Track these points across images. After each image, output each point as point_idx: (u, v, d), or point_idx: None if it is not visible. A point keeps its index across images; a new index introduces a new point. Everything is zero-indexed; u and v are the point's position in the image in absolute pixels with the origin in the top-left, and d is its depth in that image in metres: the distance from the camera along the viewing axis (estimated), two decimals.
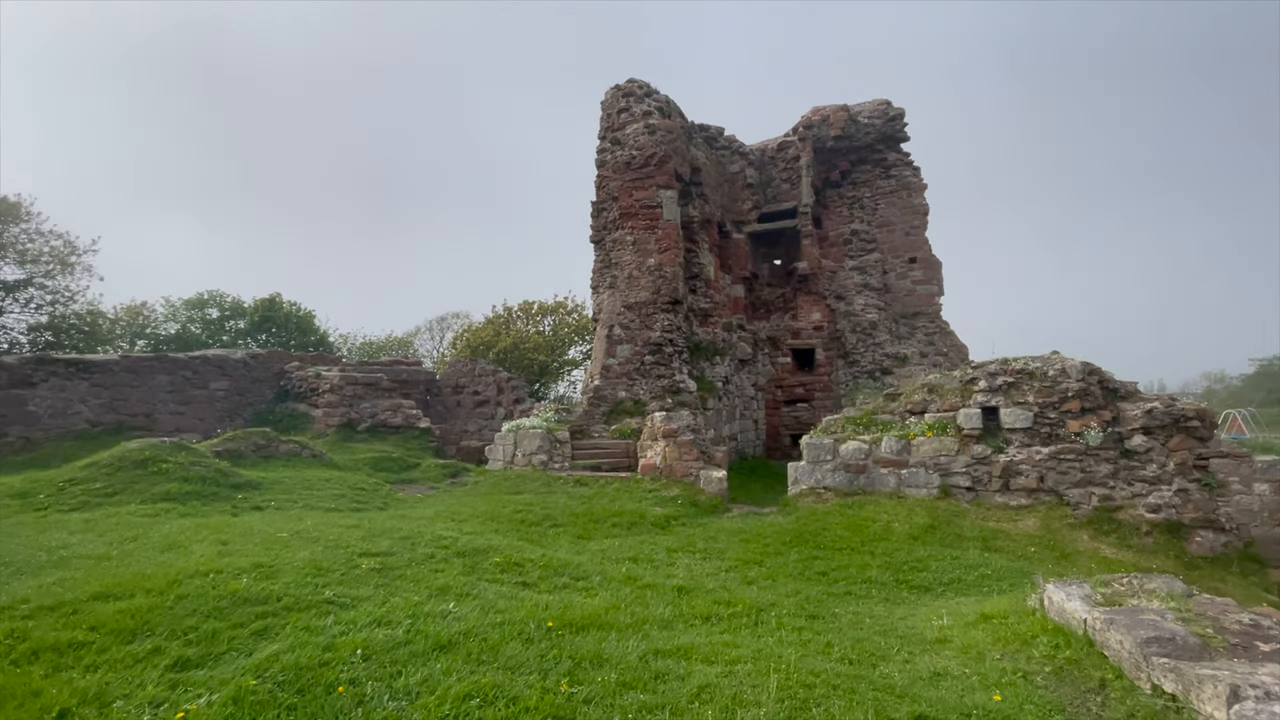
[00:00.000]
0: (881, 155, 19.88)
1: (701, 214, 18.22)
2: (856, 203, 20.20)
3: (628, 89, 17.56)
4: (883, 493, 10.22)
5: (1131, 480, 9.07)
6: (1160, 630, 3.65)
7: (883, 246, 19.71)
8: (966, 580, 7.30)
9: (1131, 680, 3.69)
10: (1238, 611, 3.97)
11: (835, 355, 19.44)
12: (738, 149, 20.66)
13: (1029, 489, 9.48)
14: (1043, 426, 9.57)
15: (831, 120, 19.59)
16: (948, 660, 4.76)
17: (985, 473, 9.72)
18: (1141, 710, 3.54)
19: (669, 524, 9.99)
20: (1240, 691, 2.90)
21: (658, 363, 15.48)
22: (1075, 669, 4.15)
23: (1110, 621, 3.95)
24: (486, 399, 21.50)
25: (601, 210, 17.08)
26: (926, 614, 6.05)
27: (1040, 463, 9.42)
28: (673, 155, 16.65)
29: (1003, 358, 10.43)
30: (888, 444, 10.33)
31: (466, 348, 28.19)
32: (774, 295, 20.88)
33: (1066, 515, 9.16)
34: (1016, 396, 9.75)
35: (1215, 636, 3.57)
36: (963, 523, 9.16)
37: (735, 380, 19.12)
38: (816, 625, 5.62)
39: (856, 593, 7.00)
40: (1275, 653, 3.44)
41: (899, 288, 19.43)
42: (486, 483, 12.82)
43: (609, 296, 16.22)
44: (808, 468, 10.91)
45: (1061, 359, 9.89)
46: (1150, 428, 9.05)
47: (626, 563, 7.60)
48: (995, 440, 9.85)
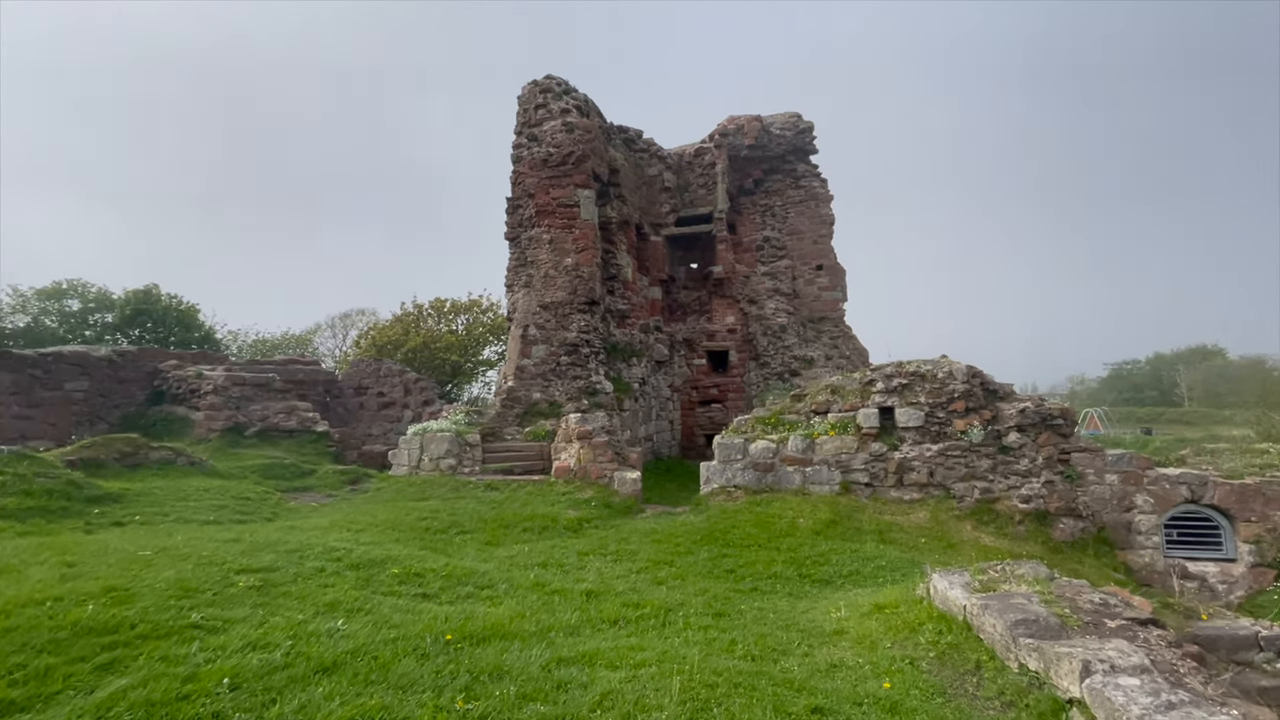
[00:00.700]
0: (792, 166, 20.71)
1: (620, 215, 18.23)
2: (769, 210, 20.92)
3: (545, 85, 17.28)
4: (789, 490, 10.58)
5: (1007, 474, 9.90)
6: (1026, 613, 3.95)
7: (793, 253, 20.53)
8: (864, 572, 7.68)
9: (1002, 661, 3.98)
10: (1090, 592, 4.38)
11: (748, 357, 20.03)
12: (656, 152, 20.85)
13: (920, 484, 10.12)
14: (932, 425, 10.25)
15: (745, 129, 20.19)
16: (844, 651, 4.95)
17: (882, 469, 10.29)
18: (1010, 688, 3.82)
19: (582, 527, 9.87)
20: (1091, 666, 3.17)
21: (574, 364, 15.32)
22: (955, 653, 4.42)
23: (985, 607, 4.24)
24: (392, 401, 20.47)
25: (517, 207, 16.70)
26: (826, 606, 6.29)
27: (930, 459, 10.08)
28: (591, 155, 16.54)
29: (898, 361, 11.09)
30: (794, 443, 10.71)
31: (372, 347, 26.72)
32: (690, 298, 21.24)
33: (952, 507, 9.85)
34: (910, 397, 10.39)
35: (1072, 616, 3.91)
36: (861, 517, 9.65)
37: (652, 381, 19.27)
38: (722, 623, 5.70)
39: (762, 588, 7.18)
40: (1120, 628, 3.80)
41: (807, 293, 20.30)
42: (389, 489, 12.16)
43: (524, 296, 15.88)
44: (719, 467, 11.12)
45: (949, 362, 10.65)
46: (1023, 425, 9.91)
47: (535, 568, 7.42)
48: (891, 438, 10.45)
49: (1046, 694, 3.52)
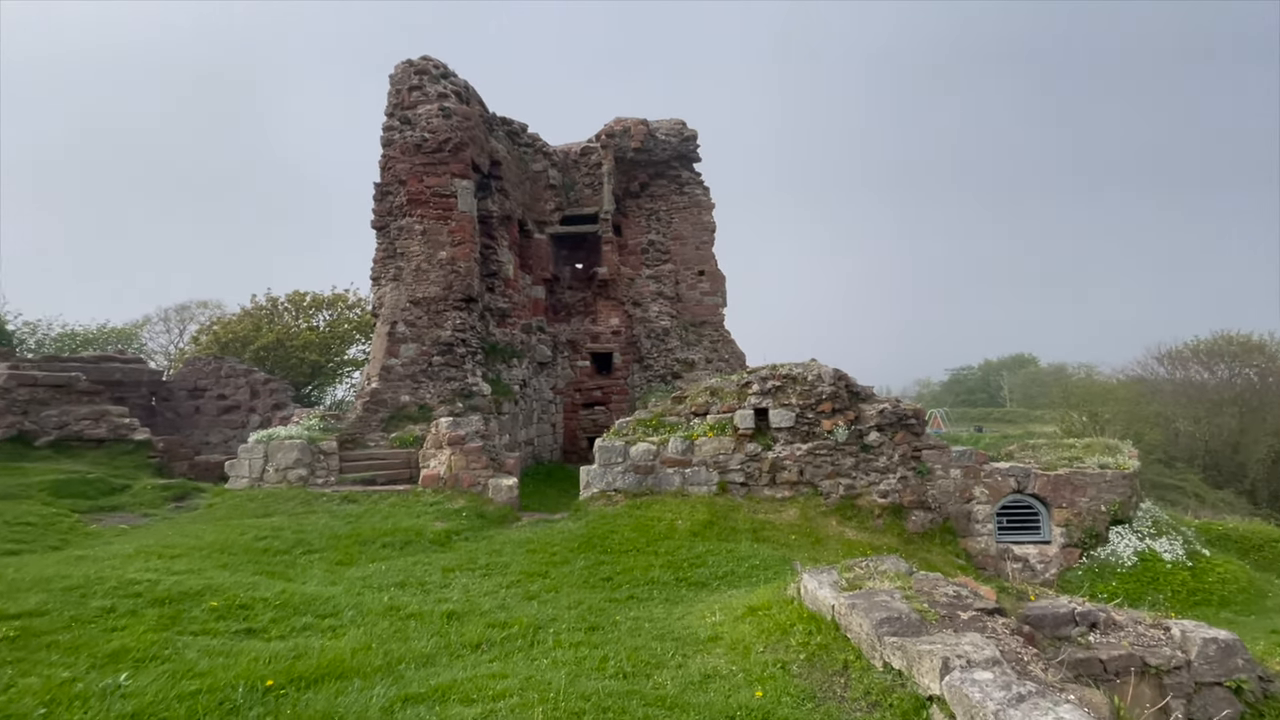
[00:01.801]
0: (676, 172, 21.04)
1: (501, 210, 17.47)
2: (654, 215, 21.09)
3: (421, 66, 16.16)
4: (669, 492, 10.54)
5: (868, 471, 10.52)
6: (890, 610, 4.01)
7: (676, 258, 20.84)
8: (739, 572, 7.72)
9: (868, 660, 4.01)
10: (945, 584, 4.57)
11: (632, 360, 20.02)
12: (541, 148, 20.28)
13: (791, 482, 10.49)
14: (803, 425, 10.67)
15: (632, 132, 20.21)
16: (718, 659, 4.82)
17: (756, 469, 10.54)
18: (875, 687, 3.84)
19: (450, 540, 9.15)
20: (949, 663, 3.22)
21: (448, 364, 14.38)
22: (825, 654, 4.43)
23: (852, 606, 4.27)
24: (236, 404, 18.14)
25: (386, 194, 15.44)
26: (702, 611, 6.19)
27: (800, 458, 10.48)
28: (470, 143, 15.68)
29: (772, 364, 11.46)
30: (674, 444, 10.70)
31: (214, 343, 23.61)
32: (575, 299, 20.88)
33: (820, 504, 10.29)
34: (782, 399, 10.75)
35: (930, 611, 4.02)
36: (737, 516, 9.80)
37: (534, 383, 18.65)
38: (596, 638, 5.39)
39: (639, 596, 6.97)
40: (972, 619, 3.97)
41: (689, 298, 20.69)
42: (225, 506, 10.62)
43: (393, 289, 14.68)
44: (599, 471, 10.85)
45: (818, 366, 11.15)
46: (882, 425, 10.59)
47: (392, 589, 6.69)
48: (765, 438, 10.74)
49: (909, 692, 3.56)
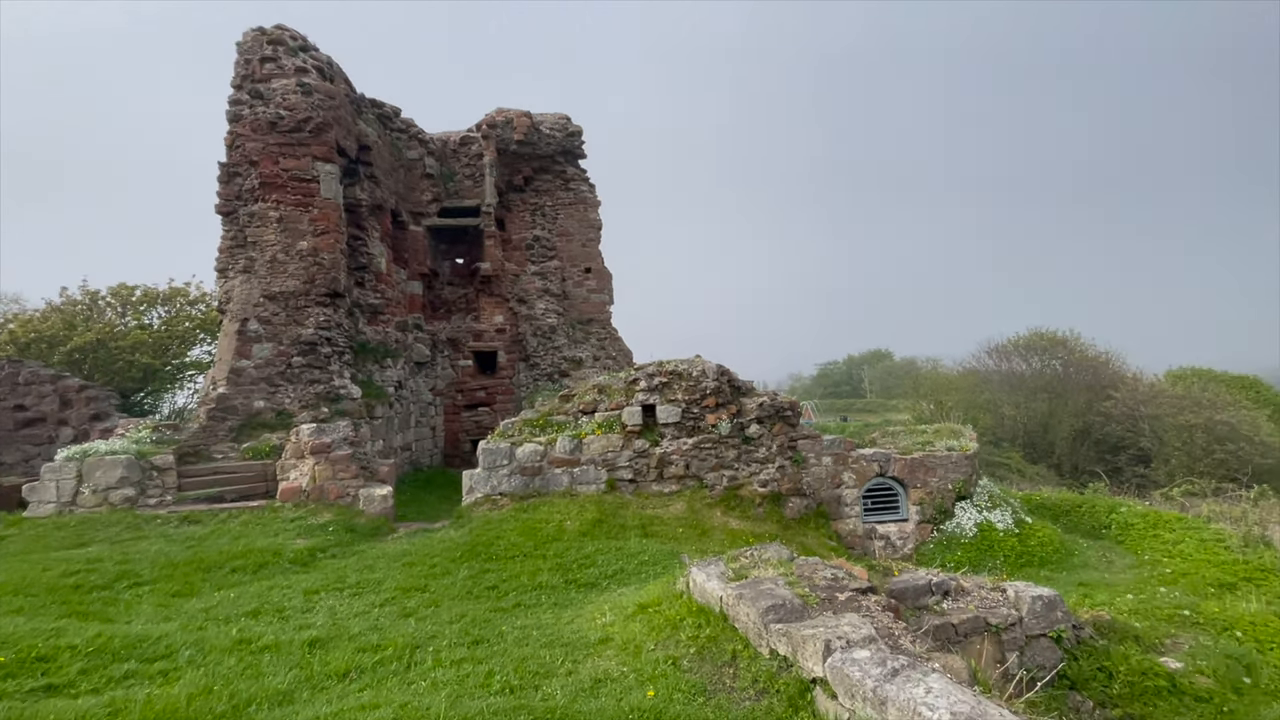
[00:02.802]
0: (562, 168, 20.73)
1: (372, 198, 16.23)
2: (539, 210, 20.63)
3: (275, 36, 14.58)
4: (557, 493, 10.32)
5: (750, 462, 10.95)
6: (775, 598, 4.13)
7: (562, 255, 20.54)
8: (628, 570, 7.69)
9: (755, 648, 4.10)
10: (823, 568, 4.80)
11: (517, 358, 19.46)
12: (417, 135, 19.12)
13: (678, 476, 10.67)
14: (688, 421, 10.89)
15: (515, 124, 19.62)
16: (609, 661, 4.72)
17: (644, 464, 10.61)
18: (762, 675, 3.93)
19: (314, 558, 8.31)
20: (831, 645, 3.34)
21: (311, 365, 13.10)
22: (714, 646, 4.48)
23: (739, 596, 4.35)
24: (40, 416, 15.33)
25: (234, 175, 13.77)
26: (592, 612, 6.07)
27: (687, 452, 10.69)
28: (335, 125, 14.40)
29: (659, 361, 11.59)
30: (562, 444, 10.49)
31: (10, 344, 19.85)
32: (456, 295, 19.92)
33: (705, 496, 10.56)
34: (669, 395, 10.90)
35: (812, 595, 4.19)
36: (626, 513, 9.79)
37: (411, 385, 17.55)
38: (480, 652, 5.09)
39: (526, 603, 6.71)
40: (849, 600, 4.18)
41: (576, 295, 20.49)
42: (23, 538, 8.90)
43: (243, 283, 13.12)
44: (484, 474, 10.39)
45: (702, 362, 11.44)
46: (762, 418, 11.07)
47: (242, 620, 5.92)
48: (653, 434, 10.84)
49: (794, 676, 3.67)
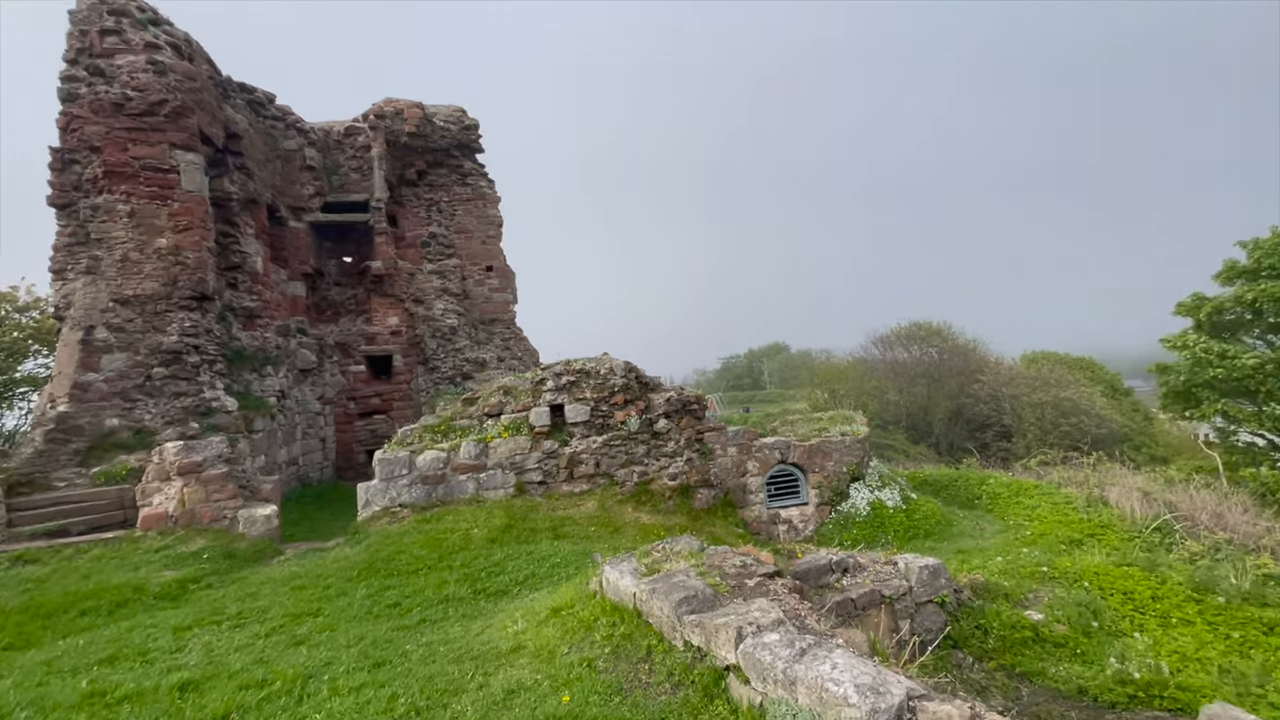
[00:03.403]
0: (458, 162, 19.95)
1: (244, 191, 14.81)
2: (435, 206, 19.75)
3: (119, 6, 12.91)
4: (462, 500, 9.92)
5: (659, 456, 11.07)
6: (687, 589, 4.16)
7: (462, 253, 19.79)
8: (540, 574, 7.52)
9: (670, 641, 4.11)
10: (733, 555, 4.91)
11: (416, 362, 18.53)
12: (295, 123, 17.67)
13: (589, 475, 10.59)
14: (597, 419, 10.83)
15: (406, 115, 18.64)
16: (523, 670, 4.57)
17: (554, 465, 10.43)
18: (678, 667, 3.95)
19: (185, 591, 7.46)
20: (743, 631, 3.41)
21: (175, 376, 11.76)
22: (629, 643, 4.45)
23: (653, 591, 4.35)
24: None
25: (71, 163, 12.07)
26: (503, 621, 5.87)
27: (596, 450, 10.63)
28: (197, 109, 12.98)
29: (566, 360, 11.45)
30: (466, 449, 10.09)
31: None
32: (344, 296, 18.65)
33: (616, 493, 10.56)
34: (577, 394, 10.79)
35: (722, 584, 4.26)
36: (536, 516, 9.58)
37: (296, 394, 16.24)
38: (382, 675, 4.76)
39: (432, 618, 6.38)
40: (758, 585, 4.29)
41: (478, 294, 19.82)
42: None
43: (87, 285, 11.53)
44: (381, 486, 9.79)
45: (610, 359, 11.42)
46: (669, 413, 11.22)
47: (96, 669, 5.18)
48: (562, 435, 10.69)
49: (709, 665, 3.71)
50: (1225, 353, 18.79)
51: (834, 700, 2.70)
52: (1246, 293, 18.55)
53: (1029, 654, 5.94)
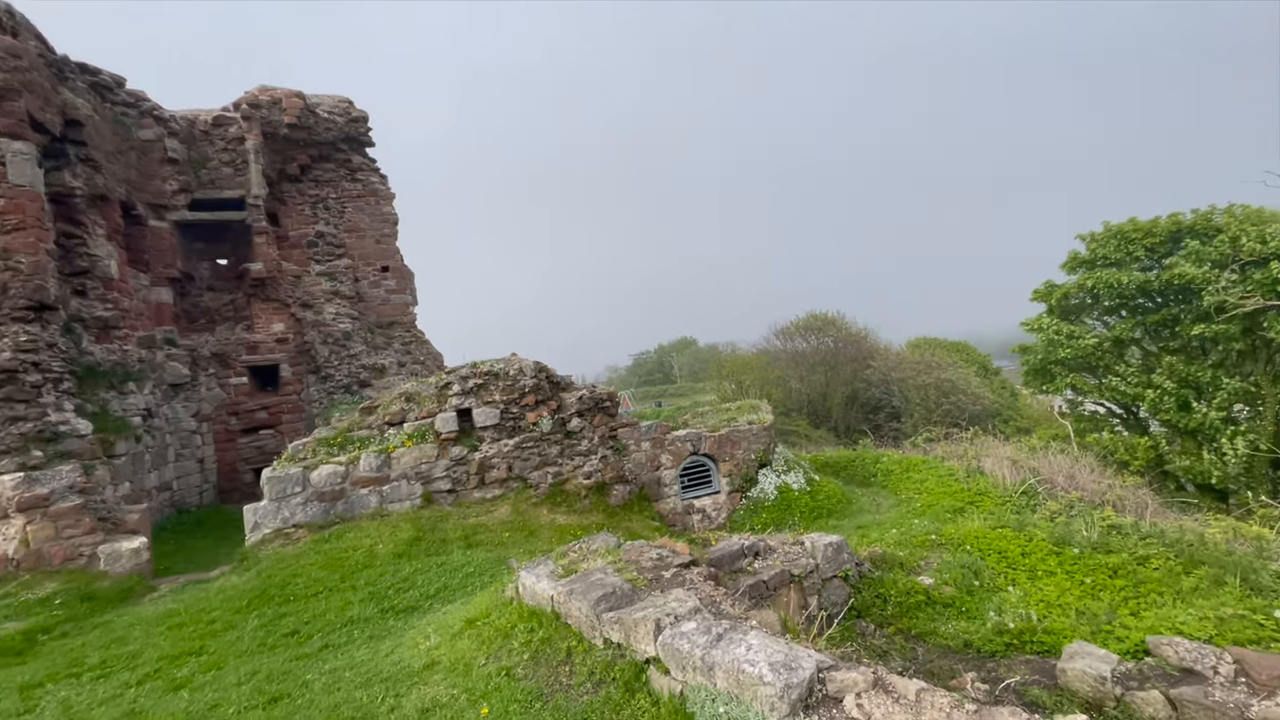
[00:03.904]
0: (346, 156, 18.75)
1: (90, 187, 13.11)
2: (321, 203, 18.45)
3: None
4: (365, 515, 9.36)
5: (573, 455, 10.98)
6: (605, 587, 4.14)
7: (353, 253, 18.64)
8: (453, 585, 7.24)
9: (590, 641, 4.08)
10: (649, 549, 4.94)
11: (306, 371, 17.25)
12: (151, 110, 15.86)
13: (501, 479, 10.32)
14: (508, 421, 10.57)
15: (285, 104, 17.26)
16: (437, 687, 4.38)
17: (464, 472, 10.08)
18: (598, 666, 3.92)
19: (34, 643, 6.52)
20: (661, 623, 3.44)
21: (11, 399, 10.22)
22: (548, 647, 4.37)
23: (570, 592, 4.30)
24: None
25: None
26: (415, 638, 5.60)
27: (508, 454, 10.38)
28: (25, 91, 11.33)
29: (472, 362, 11.08)
30: (366, 461, 9.52)
31: None
32: (220, 302, 17.02)
33: (531, 496, 10.37)
34: (486, 396, 10.48)
35: (640, 578, 4.28)
36: (446, 526, 9.22)
37: (166, 411, 14.64)
38: (279, 710, 4.40)
39: (336, 643, 5.97)
40: (674, 576, 4.35)
41: (373, 296, 18.75)
42: None
43: None
44: (272, 506, 9.03)
45: (519, 360, 11.18)
46: (582, 411, 11.16)
47: None
48: (471, 440, 10.34)
49: (629, 660, 3.72)
50: (1072, 333, 21.29)
51: (750, 680, 2.78)
52: (1086, 280, 21.10)
53: (922, 616, 6.43)
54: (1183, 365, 19.16)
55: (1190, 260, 18.76)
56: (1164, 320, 19.94)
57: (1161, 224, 20.21)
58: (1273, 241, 17.22)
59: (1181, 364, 19.20)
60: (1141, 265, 20.38)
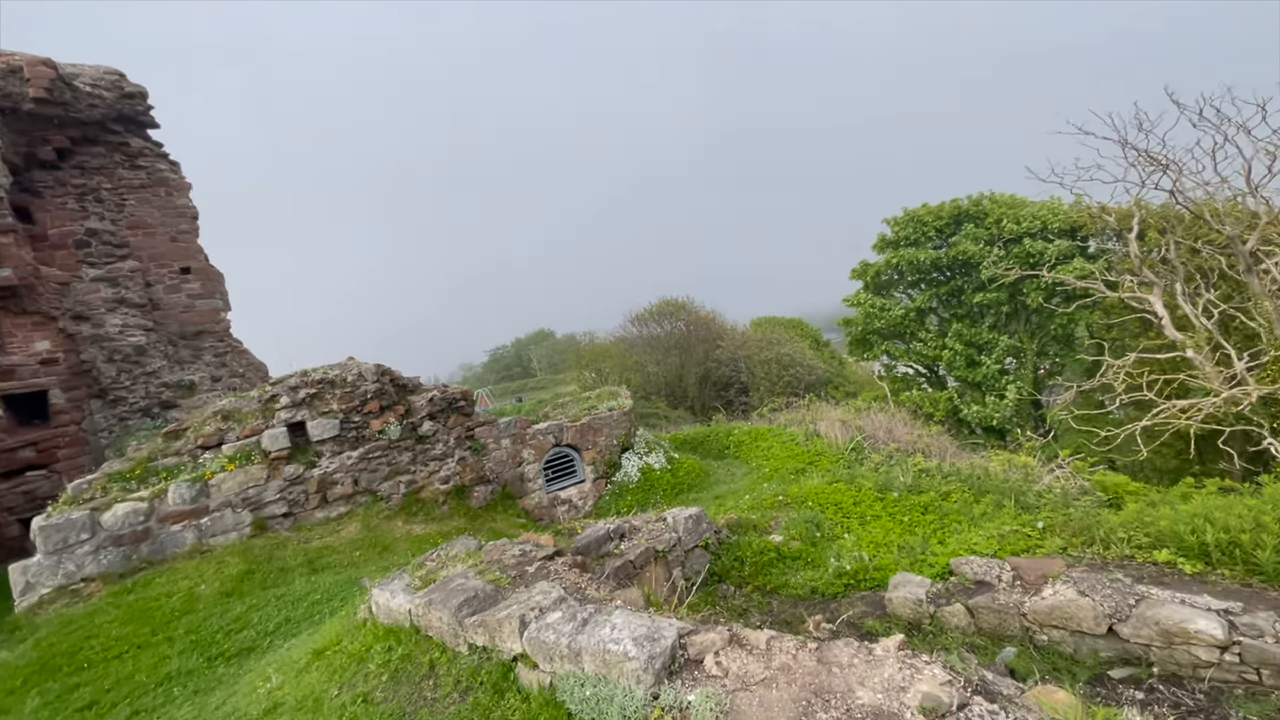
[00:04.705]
0: (122, 140, 15.87)
1: None
2: (92, 194, 15.48)
3: None
4: (180, 555, 8.11)
5: (427, 461, 10.39)
6: (467, 592, 3.97)
7: (142, 253, 15.90)
8: (296, 617, 6.54)
9: (454, 650, 3.89)
10: (511, 547, 4.82)
11: (87, 396, 14.48)
12: None
13: (347, 495, 9.49)
14: (350, 431, 9.73)
15: (29, 74, 14.16)
16: None
17: (302, 492, 9.12)
18: (464, 673, 3.76)
19: None
20: (526, 619, 3.37)
21: None
22: (409, 664, 4.10)
23: (429, 603, 4.06)
24: None
25: None
26: (252, 681, 4.98)
27: (353, 467, 9.56)
28: None
29: (302, 370, 10.02)
30: (177, 493, 8.24)
31: None
32: None
33: (383, 509, 9.66)
34: (321, 407, 9.53)
35: (503, 577, 4.16)
36: (285, 553, 8.29)
37: None
38: None
39: (149, 707, 5.13)
40: (538, 570, 4.28)
41: (172, 303, 16.19)
42: None
43: None
44: (49, 561, 7.50)
45: (357, 364, 10.30)
46: (434, 413, 10.58)
47: None
48: (307, 456, 9.36)
49: (496, 662, 3.60)
50: (884, 306, 24.23)
51: (616, 658, 2.82)
52: (892, 259, 24.10)
53: (775, 572, 6.98)
54: (967, 329, 22.64)
55: (969, 239, 22.14)
56: (952, 291, 23.39)
57: (946, 208, 23.61)
58: (1024, 223, 20.87)
59: (966, 328, 22.68)
60: (934, 244, 23.69)
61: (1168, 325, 13.31)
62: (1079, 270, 18.38)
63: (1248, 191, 13.03)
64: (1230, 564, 4.72)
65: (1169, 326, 13.28)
